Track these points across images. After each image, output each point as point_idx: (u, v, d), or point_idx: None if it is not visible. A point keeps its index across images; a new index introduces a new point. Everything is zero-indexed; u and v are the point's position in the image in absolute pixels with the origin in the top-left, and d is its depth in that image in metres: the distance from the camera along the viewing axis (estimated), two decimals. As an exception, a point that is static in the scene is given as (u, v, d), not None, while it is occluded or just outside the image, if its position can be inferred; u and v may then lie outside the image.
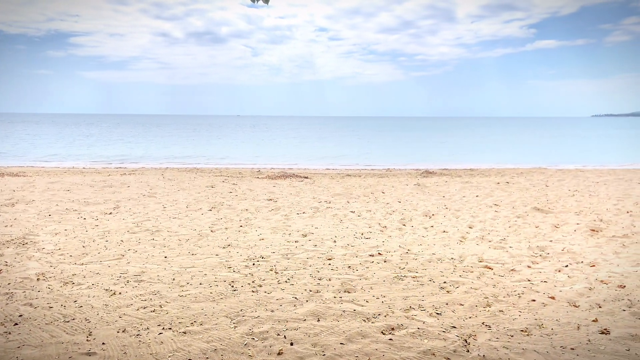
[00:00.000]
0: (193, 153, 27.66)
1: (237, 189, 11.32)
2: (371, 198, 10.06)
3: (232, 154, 27.04)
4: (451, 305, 4.20)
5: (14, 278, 4.81)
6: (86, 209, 8.55)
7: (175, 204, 9.17)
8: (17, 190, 10.56)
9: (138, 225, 7.29)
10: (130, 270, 5.13)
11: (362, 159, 23.68)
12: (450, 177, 14.11)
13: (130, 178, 13.35)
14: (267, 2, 4.25)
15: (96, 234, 6.72)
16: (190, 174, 14.92)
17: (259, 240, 6.46)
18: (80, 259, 5.54)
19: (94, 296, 4.34)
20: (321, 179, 13.45)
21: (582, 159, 23.52)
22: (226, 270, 5.17)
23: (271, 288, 4.61)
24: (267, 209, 8.78)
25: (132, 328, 3.67)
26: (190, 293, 4.43)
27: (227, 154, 26.96)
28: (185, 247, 6.09)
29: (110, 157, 24.61)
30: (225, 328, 3.69)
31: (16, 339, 3.46)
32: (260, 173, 15.32)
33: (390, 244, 6.31)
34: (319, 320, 3.84)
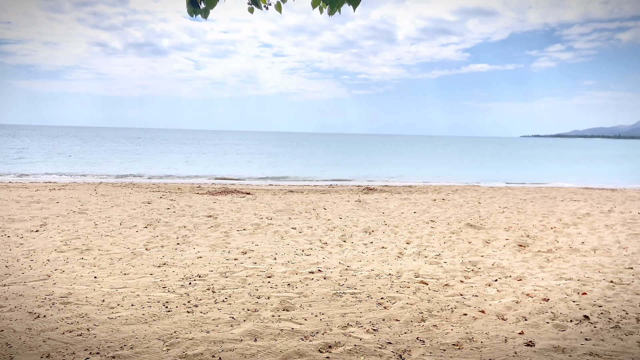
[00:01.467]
0: (128, 167, 26.70)
1: (175, 205, 11.02)
2: (313, 214, 10.11)
3: (172, 169, 26.34)
4: (387, 321, 4.28)
5: None
6: (10, 226, 8.02)
7: (108, 221, 8.79)
8: None
9: (66, 244, 6.91)
10: (57, 291, 4.84)
11: (304, 175, 23.78)
12: (390, 194, 14.46)
13: (60, 193, 12.68)
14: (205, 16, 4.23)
15: (20, 253, 6.31)
16: (126, 189, 14.38)
17: (197, 259, 6.31)
18: (2, 279, 5.17)
19: (17, 319, 4.05)
20: (263, 195, 13.38)
21: (512, 177, 24.85)
22: (160, 290, 5.00)
23: (207, 308, 4.50)
24: (207, 225, 8.60)
25: (56, 353, 3.46)
26: (121, 315, 4.25)
27: (166, 169, 26.23)
28: (117, 267, 5.84)
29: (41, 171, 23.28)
30: (157, 351, 3.55)
31: None
32: (200, 189, 15.02)
33: (330, 261, 6.35)
34: (256, 340, 3.79)
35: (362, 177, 22.92)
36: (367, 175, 24.01)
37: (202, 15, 4.18)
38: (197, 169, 27.16)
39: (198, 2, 4.02)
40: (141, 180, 19.49)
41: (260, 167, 29.27)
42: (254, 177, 22.57)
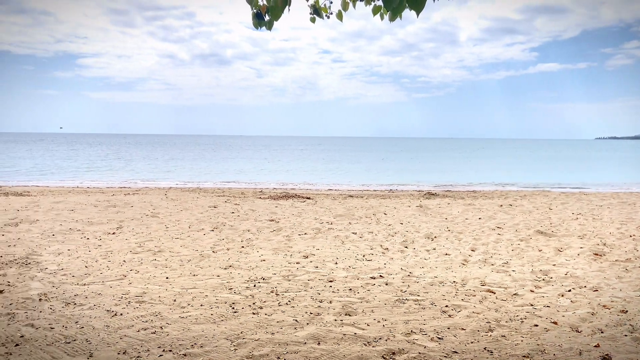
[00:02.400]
0: (197, 172, 27.78)
1: (239, 209, 11.35)
2: (373, 219, 10.07)
3: (234, 174, 27.15)
4: (453, 329, 4.18)
5: (16, 298, 4.82)
6: (89, 229, 8.59)
7: (178, 224, 9.19)
8: (21, 210, 10.62)
9: (140, 246, 7.31)
10: (132, 291, 5.13)
11: (365, 180, 23.72)
12: (453, 199, 14.12)
13: (134, 198, 13.41)
14: (270, 28, 4.36)
15: (99, 254, 6.74)
16: (193, 194, 14.98)
17: (260, 262, 6.47)
18: (82, 279, 5.56)
19: (96, 317, 4.34)
20: (323, 200, 13.48)
21: (586, 181, 23.51)
22: (227, 291, 5.17)
23: (272, 310, 4.61)
24: (269, 229, 8.79)
25: (132, 350, 3.67)
26: (191, 315, 4.43)
27: (229, 174, 27.06)
28: (187, 268, 6.10)
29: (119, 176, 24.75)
30: (226, 350, 3.68)
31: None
32: (262, 193, 15.37)
33: (392, 267, 6.30)
34: (319, 344, 3.83)
35: (423, 182, 22.54)
36: (429, 180, 23.58)
37: (266, 27, 4.31)
38: (259, 173, 27.82)
39: (263, 15, 4.14)
40: (207, 185, 20.23)
41: (319, 172, 29.53)
42: (314, 181, 22.80)
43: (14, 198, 12.90)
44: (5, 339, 3.81)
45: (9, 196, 13.38)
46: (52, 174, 25.52)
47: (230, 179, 23.70)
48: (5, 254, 6.59)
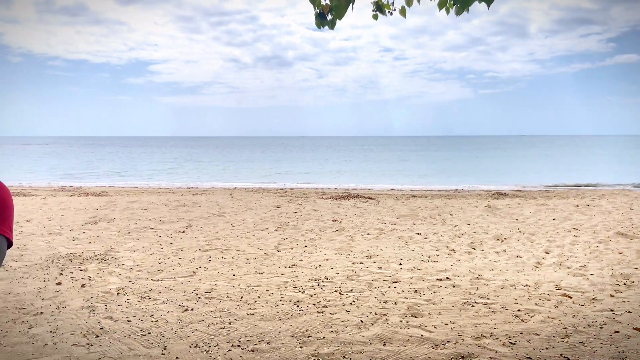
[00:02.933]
0: (259, 173, 28.42)
1: (301, 209, 11.47)
2: (438, 220, 9.83)
3: (296, 174, 27.50)
4: (526, 334, 3.99)
5: (96, 292, 5.13)
6: (161, 227, 8.99)
7: (243, 224, 9.43)
8: (100, 209, 11.31)
9: (208, 244, 7.56)
10: (202, 287, 5.31)
11: (428, 179, 23.26)
12: (524, 199, 13.52)
13: (202, 198, 13.91)
14: (332, 27, 4.36)
15: (170, 252, 7.04)
16: (257, 194, 15.32)
17: (324, 261, 6.49)
18: (156, 275, 5.82)
19: (169, 311, 4.53)
20: (386, 200, 13.34)
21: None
22: (292, 290, 5.23)
23: (336, 309, 4.60)
24: (331, 229, 8.81)
25: (203, 344, 3.80)
26: (258, 312, 4.52)
27: (291, 174, 27.45)
28: (253, 266, 6.23)
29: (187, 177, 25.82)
30: (292, 348, 3.72)
31: (97, 351, 3.68)
32: (324, 193, 15.45)
33: (459, 268, 6.12)
34: (385, 345, 3.78)
35: (491, 182, 21.76)
36: (497, 180, 22.73)
37: (329, 26, 4.32)
38: (321, 174, 28.01)
39: (326, 14, 4.15)
40: (270, 185, 20.63)
41: (381, 172, 29.29)
42: (376, 181, 22.63)
43: (94, 198, 13.77)
44: (86, 331, 4.06)
45: (89, 196, 14.31)
46: (129, 175, 27.02)
47: (292, 180, 24.04)
48: (86, 250, 7.03)
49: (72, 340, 3.86)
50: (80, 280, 5.56)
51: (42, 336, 3.93)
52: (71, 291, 5.14)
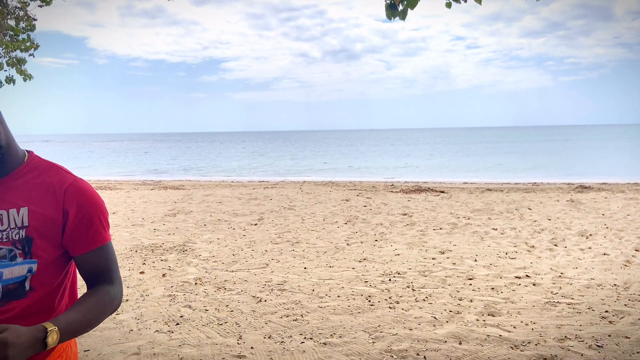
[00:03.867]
0: (327, 167, 28.58)
1: (371, 202, 11.39)
2: (516, 215, 9.38)
3: (364, 167, 27.37)
4: (614, 337, 3.70)
5: (176, 281, 5.38)
6: (235, 220, 9.28)
7: (313, 217, 9.51)
8: (178, 202, 11.87)
9: (280, 237, 7.70)
10: (274, 279, 5.42)
11: (504, 172, 22.28)
12: (611, 193, 12.59)
13: (272, 191, 14.21)
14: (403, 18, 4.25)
15: (244, 244, 7.25)
16: (326, 187, 15.40)
17: (395, 256, 6.40)
18: (230, 266, 6.02)
19: (243, 302, 4.66)
20: (458, 194, 12.94)
21: None
22: (363, 284, 5.20)
23: (409, 305, 4.52)
24: (402, 223, 8.67)
25: (276, 335, 3.87)
26: (329, 305, 4.54)
27: (359, 168, 27.36)
28: (323, 259, 6.27)
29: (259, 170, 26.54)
30: (364, 343, 3.69)
31: (177, 338, 3.85)
32: (394, 187, 15.25)
33: (539, 266, 5.80)
34: (461, 344, 3.66)
35: (573, 174, 20.47)
36: (580, 172, 21.35)
37: (400, 17, 4.21)
38: (390, 167, 27.69)
39: (397, 5, 4.05)
40: (339, 179, 20.68)
41: (453, 165, 28.45)
42: (448, 174, 22.01)
43: (172, 191, 14.49)
44: (167, 318, 4.27)
45: (168, 190, 15.07)
46: (204, 170, 28.18)
47: (361, 173, 23.95)
48: (166, 242, 7.40)
49: (155, 327, 4.07)
50: (161, 269, 5.86)
51: (127, 322, 4.18)
52: (153, 280, 5.43)
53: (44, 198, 1.28)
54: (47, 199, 1.28)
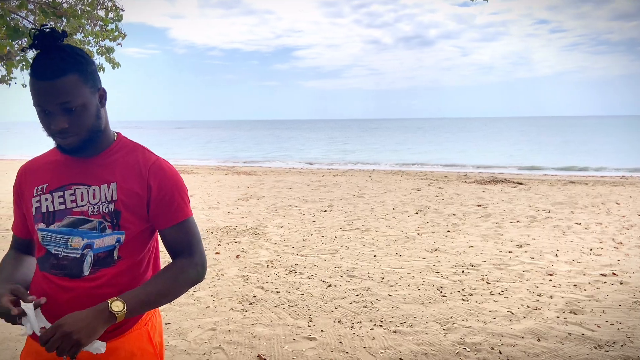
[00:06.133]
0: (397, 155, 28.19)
1: (443, 192, 11.10)
2: (602, 209, 8.77)
3: (436, 156, 26.70)
4: None
5: (249, 263, 5.55)
6: (305, 206, 9.41)
7: (383, 205, 9.43)
8: (250, 187, 12.22)
9: (349, 224, 7.71)
10: (343, 265, 5.44)
11: (589, 163, 20.87)
12: None
13: (341, 179, 14.24)
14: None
15: (313, 229, 7.33)
16: (396, 176, 15.21)
17: (468, 247, 6.20)
18: (300, 250, 6.11)
19: (313, 286, 4.72)
20: (538, 186, 12.29)
21: None
22: (434, 274, 5.09)
23: (483, 299, 4.37)
24: (476, 215, 8.38)
25: (346, 320, 3.88)
26: (400, 294, 4.48)
27: (432, 156, 26.73)
28: (393, 248, 6.20)
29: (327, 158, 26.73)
30: (435, 333, 3.62)
31: (251, 317, 3.97)
32: (467, 177, 14.76)
33: (628, 264, 5.39)
34: (539, 340, 3.49)
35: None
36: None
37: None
38: (463, 156, 26.82)
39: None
40: (410, 168, 20.34)
41: (532, 154, 27.02)
42: (526, 165, 20.96)
43: (245, 177, 14.93)
44: (241, 297, 4.42)
45: (241, 175, 15.55)
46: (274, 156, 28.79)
47: (433, 162, 23.40)
48: (239, 225, 7.65)
49: (230, 305, 4.23)
50: (235, 251, 6.07)
51: (204, 299, 4.37)
52: (228, 261, 5.63)
53: (130, 175, 1.36)
54: (133, 175, 1.36)
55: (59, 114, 1.24)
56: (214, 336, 3.59)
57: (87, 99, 1.27)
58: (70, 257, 1.32)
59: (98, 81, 1.33)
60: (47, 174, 1.38)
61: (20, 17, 6.32)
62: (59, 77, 1.22)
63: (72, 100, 1.24)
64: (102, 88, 1.34)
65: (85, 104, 1.27)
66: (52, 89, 1.22)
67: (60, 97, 1.22)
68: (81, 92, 1.25)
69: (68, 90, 1.23)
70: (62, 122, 1.24)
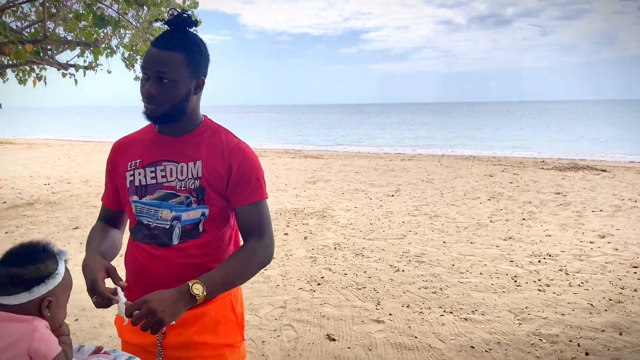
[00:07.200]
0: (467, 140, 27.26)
1: (518, 179, 10.63)
2: (697, 199, 8.03)
3: (512, 142, 25.53)
4: None
5: (316, 245, 5.63)
6: (372, 190, 9.36)
7: (453, 191, 9.19)
8: (317, 171, 12.33)
9: (417, 209, 7.59)
10: (412, 250, 5.37)
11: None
12: None
13: (410, 164, 14.02)
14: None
15: (381, 214, 7.28)
16: (467, 161, 14.74)
17: (545, 236, 5.91)
18: (368, 234, 6.10)
19: (381, 270, 4.71)
20: (624, 174, 11.44)
21: None
22: (507, 263, 4.91)
23: (561, 290, 4.16)
24: (555, 203, 7.96)
25: (415, 305, 3.84)
26: (470, 281, 4.37)
27: (505, 142, 25.60)
28: (464, 235, 6.03)
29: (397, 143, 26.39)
30: (509, 323, 3.50)
31: (319, 297, 4.04)
32: (545, 163, 14.03)
33: None
34: (622, 334, 3.28)
35: None
36: None
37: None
38: (541, 142, 25.45)
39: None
40: (482, 153, 19.62)
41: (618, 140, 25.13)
42: (611, 152, 19.55)
43: (312, 160, 15.08)
44: (310, 278, 4.49)
45: (308, 159, 15.72)
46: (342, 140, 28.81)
47: (507, 147, 22.41)
48: (307, 207, 7.75)
49: (298, 284, 4.32)
50: (303, 232, 6.17)
51: (274, 278, 4.49)
52: (296, 242, 5.74)
53: (214, 154, 1.44)
54: (216, 155, 1.44)
55: (153, 81, 1.34)
56: (283, 314, 3.69)
57: (182, 79, 1.35)
58: (160, 227, 1.41)
59: (202, 72, 1.41)
60: (140, 150, 1.48)
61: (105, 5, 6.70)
62: (167, 50, 1.32)
63: (167, 73, 1.33)
64: (202, 79, 1.42)
65: (178, 82, 1.35)
66: (157, 57, 1.33)
67: (159, 67, 1.32)
68: (178, 71, 1.34)
69: (168, 63, 1.32)
70: (153, 88, 1.34)
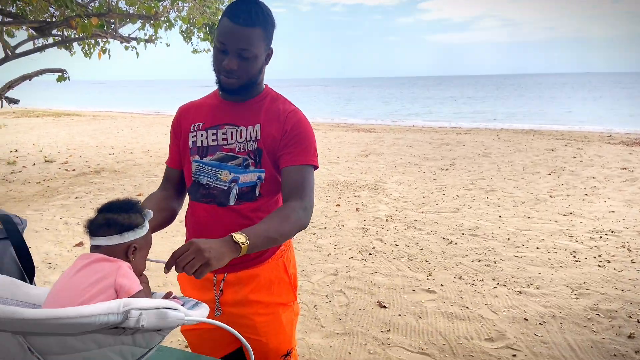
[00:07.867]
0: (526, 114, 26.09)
1: (582, 154, 10.12)
2: None
3: (577, 115, 24.23)
4: None
5: (368, 216, 5.65)
6: (425, 164, 9.23)
7: (511, 166, 8.90)
8: (369, 144, 12.26)
9: (472, 183, 7.42)
10: (465, 224, 5.29)
11: None
12: None
13: (466, 137, 13.65)
14: None
15: (434, 187, 7.19)
16: (527, 135, 14.16)
17: (608, 213, 5.65)
18: (420, 207, 6.06)
19: (433, 242, 4.68)
20: (700, 148, 10.65)
21: None
22: (567, 238, 4.74)
23: (622, 266, 3.99)
24: (620, 178, 7.55)
25: (467, 277, 3.82)
26: (526, 255, 4.27)
27: (570, 115, 24.32)
28: (521, 210, 5.87)
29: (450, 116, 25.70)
30: (565, 297, 3.41)
31: (370, 266, 4.08)
32: (611, 138, 13.26)
33: None
34: (691, 317, 3.12)
35: None
36: None
37: None
38: (608, 115, 23.99)
39: None
40: (543, 127, 18.77)
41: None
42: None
43: (364, 134, 14.99)
44: (361, 247, 4.54)
45: (360, 132, 15.63)
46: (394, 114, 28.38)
47: (571, 121, 21.30)
48: (359, 180, 7.76)
49: (350, 254, 4.38)
50: (354, 204, 6.21)
51: (326, 247, 4.57)
52: (347, 213, 5.79)
53: (272, 119, 1.49)
54: (274, 120, 1.49)
55: (234, 56, 1.38)
56: (335, 281, 3.77)
57: (260, 53, 1.42)
58: (219, 188, 1.48)
59: (271, 41, 1.46)
60: (203, 114, 1.55)
61: (164, -20, 6.86)
62: (249, 27, 1.36)
63: (249, 49, 1.38)
64: (272, 48, 1.48)
65: (257, 56, 1.41)
66: (239, 34, 1.36)
67: (242, 43, 1.37)
68: (258, 45, 1.39)
69: (250, 40, 1.37)
70: (234, 63, 1.39)
